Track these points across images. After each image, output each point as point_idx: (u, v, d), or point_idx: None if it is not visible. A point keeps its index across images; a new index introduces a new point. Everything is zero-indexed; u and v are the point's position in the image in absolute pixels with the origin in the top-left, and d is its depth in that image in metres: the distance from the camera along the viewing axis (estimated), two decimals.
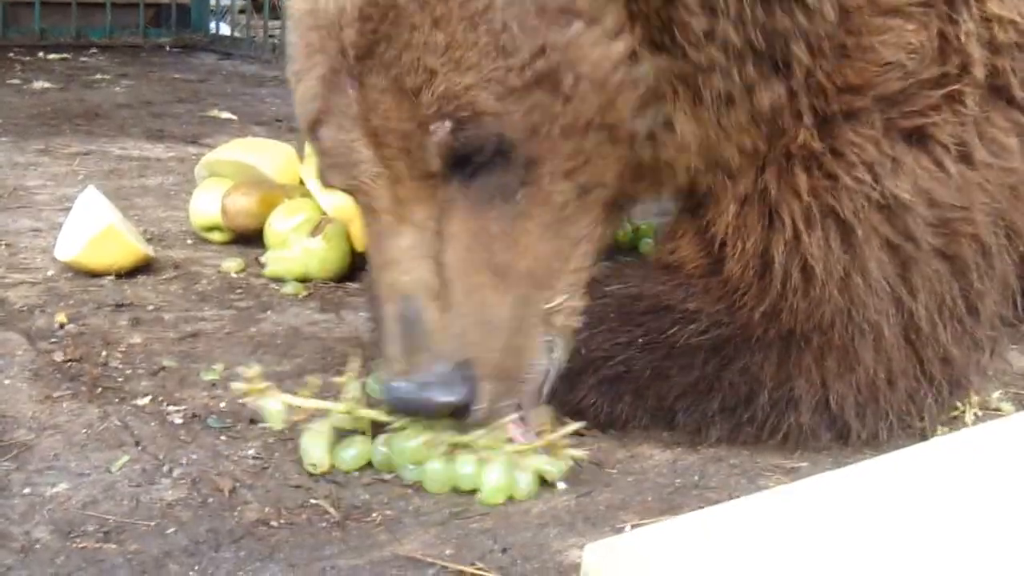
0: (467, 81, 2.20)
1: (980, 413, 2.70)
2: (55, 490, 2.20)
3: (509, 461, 2.27)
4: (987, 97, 2.58)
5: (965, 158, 2.54)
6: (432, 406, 2.28)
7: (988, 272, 2.60)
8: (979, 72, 2.54)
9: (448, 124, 2.21)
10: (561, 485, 2.32)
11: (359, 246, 3.49)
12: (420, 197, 2.31)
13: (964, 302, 2.58)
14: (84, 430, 2.45)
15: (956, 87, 2.52)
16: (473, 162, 2.26)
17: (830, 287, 2.47)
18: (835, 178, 2.47)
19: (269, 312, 3.26)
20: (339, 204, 3.49)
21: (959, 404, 2.71)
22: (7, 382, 2.67)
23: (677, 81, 2.33)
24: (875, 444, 2.51)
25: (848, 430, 2.52)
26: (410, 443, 2.29)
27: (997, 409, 2.75)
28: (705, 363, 2.51)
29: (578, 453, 2.32)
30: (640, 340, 2.52)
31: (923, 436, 2.56)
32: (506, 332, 2.36)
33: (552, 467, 2.30)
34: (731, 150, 2.47)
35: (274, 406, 2.31)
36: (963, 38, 2.51)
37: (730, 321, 2.52)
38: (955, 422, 2.67)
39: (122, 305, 3.23)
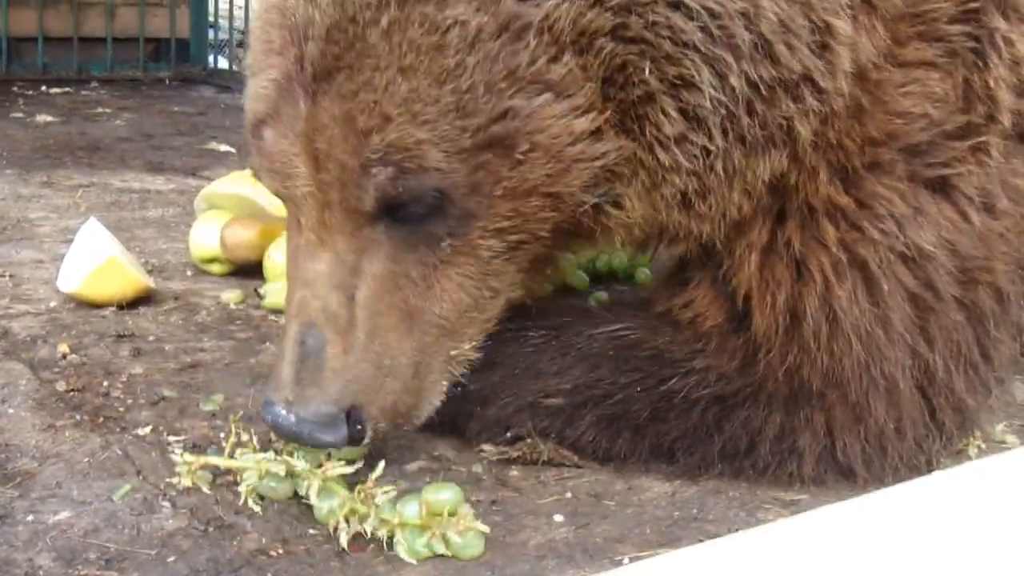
0: (420, 135, 2.19)
1: (984, 446, 2.69)
2: (57, 518, 2.21)
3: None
4: (1011, 145, 2.58)
5: (988, 208, 2.54)
6: (310, 443, 2.31)
7: (1004, 319, 2.61)
8: (1006, 119, 2.53)
9: (391, 170, 2.21)
10: (559, 517, 2.33)
11: None
12: (345, 229, 2.31)
13: (979, 349, 2.58)
14: (86, 459, 2.46)
15: (982, 139, 2.51)
16: (407, 209, 2.27)
17: (854, 341, 2.46)
18: (861, 230, 2.46)
19: (268, 343, 3.28)
20: None
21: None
22: (11, 411, 2.68)
23: (638, 167, 2.33)
24: (880, 484, 2.48)
25: (854, 477, 2.51)
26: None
27: (1002, 442, 2.75)
28: (704, 412, 2.52)
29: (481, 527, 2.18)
30: (638, 386, 2.53)
31: (928, 471, 2.54)
32: (405, 376, 2.39)
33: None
34: (709, 226, 2.45)
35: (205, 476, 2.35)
36: (992, 84, 2.50)
37: (740, 378, 2.52)
38: (959, 456, 2.66)
39: (123, 336, 3.24)
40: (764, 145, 2.35)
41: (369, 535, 2.14)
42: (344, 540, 2.13)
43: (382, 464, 2.24)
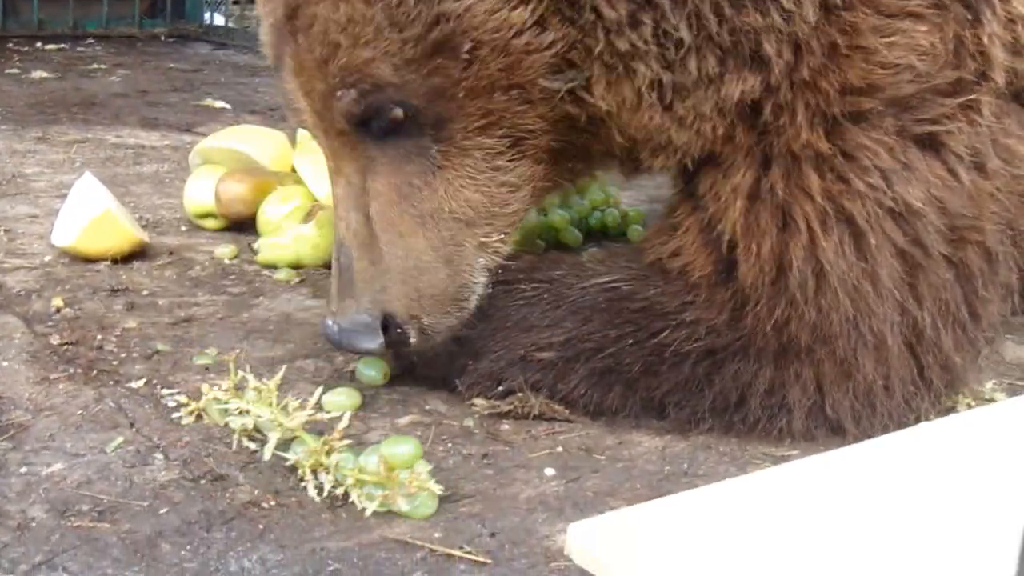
0: (366, 55, 2.32)
1: (974, 404, 2.68)
2: (51, 470, 2.22)
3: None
4: (1004, 104, 2.57)
5: (978, 167, 2.53)
6: (351, 350, 2.56)
7: (992, 279, 2.60)
8: (999, 78, 2.52)
9: (352, 92, 2.36)
10: (549, 471, 2.34)
11: None
12: (344, 153, 2.49)
13: (967, 308, 2.57)
14: (79, 412, 2.47)
15: (973, 96, 2.49)
16: (382, 126, 2.39)
17: (841, 295, 2.45)
18: (847, 182, 2.44)
19: (261, 298, 3.29)
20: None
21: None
22: (4, 364, 2.69)
23: (588, 54, 2.33)
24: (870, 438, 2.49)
25: (843, 432, 2.51)
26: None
27: (991, 399, 2.74)
28: (695, 365, 2.52)
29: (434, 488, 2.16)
30: (629, 339, 2.53)
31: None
32: (435, 272, 2.49)
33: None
34: (687, 135, 2.45)
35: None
36: (986, 40, 2.48)
37: (729, 331, 2.51)
38: (948, 413, 2.65)
39: (117, 290, 3.25)
40: (735, 56, 2.34)
41: (329, 490, 2.16)
42: (312, 492, 2.14)
43: (347, 416, 2.26)
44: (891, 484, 2.15)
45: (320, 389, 2.42)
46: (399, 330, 2.50)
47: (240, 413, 2.31)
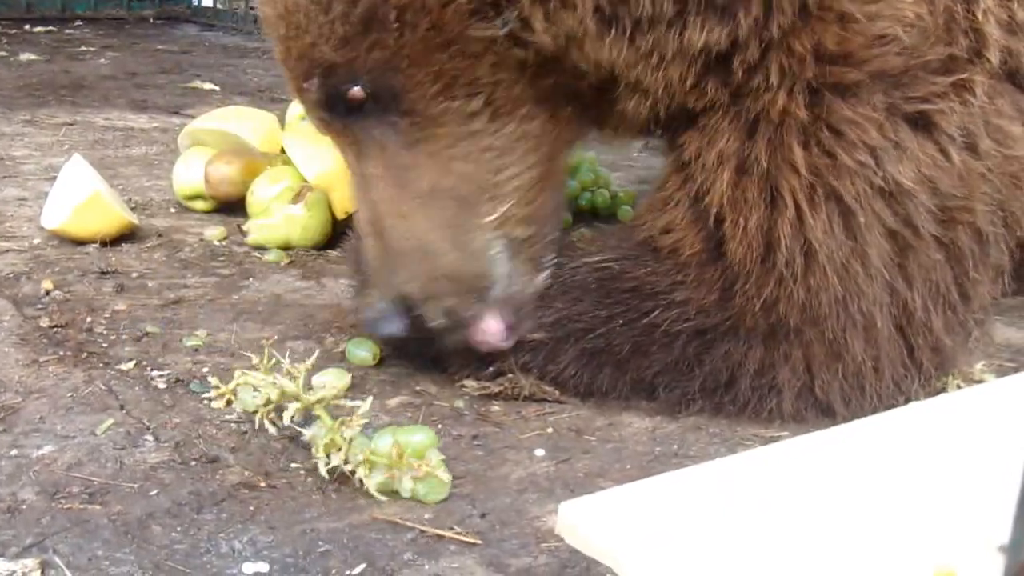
0: (309, 41, 2.38)
1: (963, 385, 2.68)
2: (41, 452, 2.22)
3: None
4: (997, 84, 2.55)
5: (970, 147, 2.51)
6: (378, 335, 2.59)
7: (983, 260, 2.59)
8: (994, 56, 2.50)
9: (315, 81, 2.42)
10: (540, 452, 2.34)
11: (340, 213, 3.51)
12: (340, 143, 2.57)
13: (957, 289, 2.56)
14: (69, 394, 2.47)
15: (966, 75, 2.48)
16: (349, 107, 2.43)
17: (830, 275, 2.43)
18: (834, 156, 2.41)
19: (251, 279, 3.29)
20: (321, 172, 3.51)
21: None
22: None
23: None
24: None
25: (833, 414, 2.50)
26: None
27: (980, 381, 2.72)
28: (686, 345, 2.51)
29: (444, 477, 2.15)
30: (620, 319, 2.52)
31: None
32: (446, 252, 2.48)
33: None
34: (655, 78, 2.41)
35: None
36: (980, 16, 2.46)
37: (719, 311, 2.50)
38: (938, 395, 2.64)
39: (107, 272, 3.25)
40: (698, 5, 2.31)
41: (340, 469, 2.15)
42: (323, 470, 2.14)
43: (370, 400, 2.24)
44: (880, 464, 2.16)
45: (349, 376, 2.43)
46: (417, 313, 2.50)
47: (267, 387, 2.29)
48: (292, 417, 2.21)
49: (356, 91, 2.39)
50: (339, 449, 2.14)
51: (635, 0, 2.29)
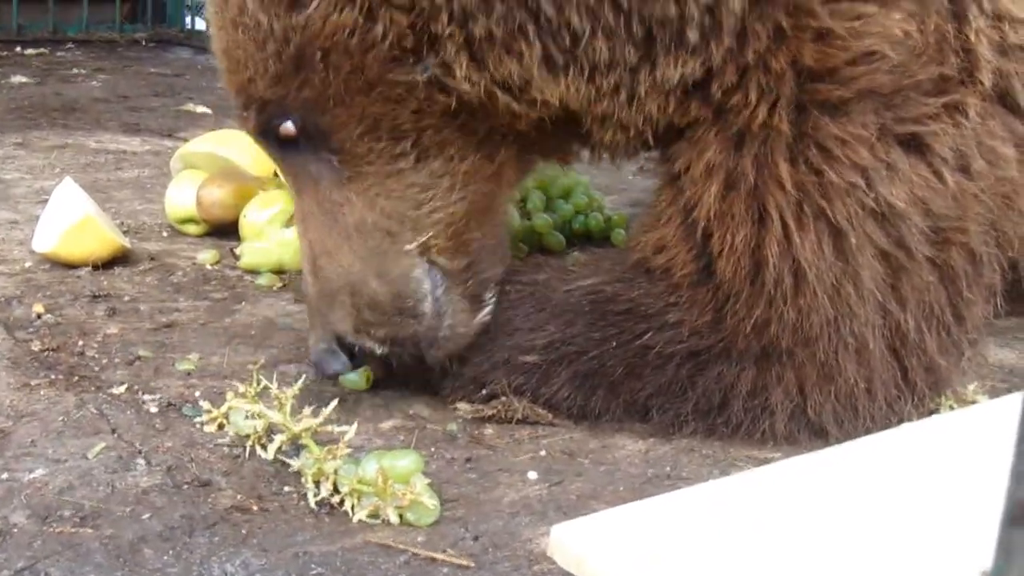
0: (245, 76, 2.45)
1: (956, 406, 2.67)
2: (32, 476, 2.21)
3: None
4: (989, 106, 2.55)
5: (963, 168, 2.51)
6: (324, 376, 2.62)
7: (976, 281, 2.59)
8: (986, 78, 2.50)
9: (252, 112, 2.49)
10: (533, 475, 2.34)
11: None
12: (284, 173, 2.65)
13: (951, 310, 2.56)
14: (61, 418, 2.46)
15: (958, 96, 2.48)
16: (282, 141, 2.49)
17: (820, 296, 2.42)
18: (821, 174, 2.40)
19: (243, 303, 3.28)
20: None
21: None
22: None
23: (424, 35, 2.33)
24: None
25: (826, 435, 2.50)
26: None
27: (973, 402, 2.72)
28: (679, 367, 2.51)
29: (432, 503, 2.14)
30: (613, 342, 2.52)
31: None
32: (368, 280, 2.51)
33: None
34: (629, 113, 2.44)
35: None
36: (972, 37, 2.47)
37: (712, 333, 2.50)
38: (931, 415, 2.64)
39: (98, 296, 3.24)
40: (661, 44, 2.34)
41: (324, 496, 2.14)
42: (312, 501, 2.14)
43: (355, 426, 2.24)
44: (873, 485, 2.15)
45: (335, 402, 2.37)
46: (355, 347, 2.54)
47: (253, 417, 2.29)
48: (279, 448, 2.22)
49: (288, 127, 2.46)
50: (327, 478, 2.14)
51: (589, 47, 2.33)
